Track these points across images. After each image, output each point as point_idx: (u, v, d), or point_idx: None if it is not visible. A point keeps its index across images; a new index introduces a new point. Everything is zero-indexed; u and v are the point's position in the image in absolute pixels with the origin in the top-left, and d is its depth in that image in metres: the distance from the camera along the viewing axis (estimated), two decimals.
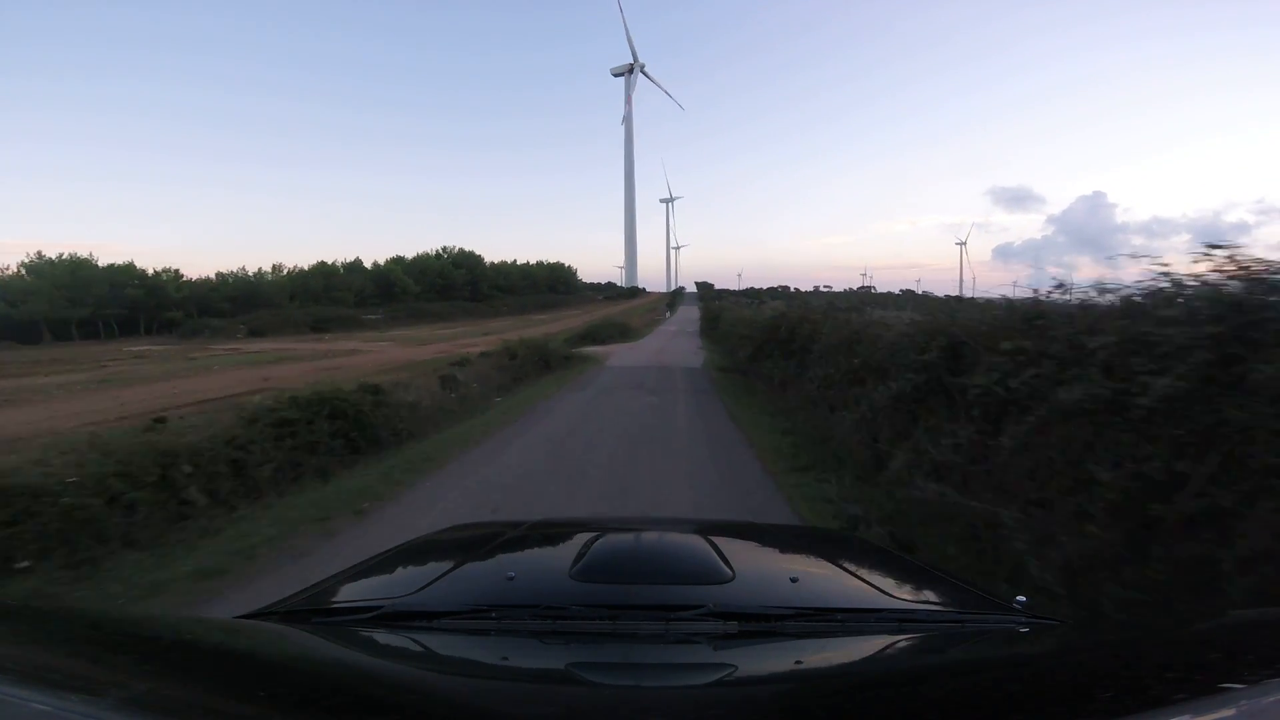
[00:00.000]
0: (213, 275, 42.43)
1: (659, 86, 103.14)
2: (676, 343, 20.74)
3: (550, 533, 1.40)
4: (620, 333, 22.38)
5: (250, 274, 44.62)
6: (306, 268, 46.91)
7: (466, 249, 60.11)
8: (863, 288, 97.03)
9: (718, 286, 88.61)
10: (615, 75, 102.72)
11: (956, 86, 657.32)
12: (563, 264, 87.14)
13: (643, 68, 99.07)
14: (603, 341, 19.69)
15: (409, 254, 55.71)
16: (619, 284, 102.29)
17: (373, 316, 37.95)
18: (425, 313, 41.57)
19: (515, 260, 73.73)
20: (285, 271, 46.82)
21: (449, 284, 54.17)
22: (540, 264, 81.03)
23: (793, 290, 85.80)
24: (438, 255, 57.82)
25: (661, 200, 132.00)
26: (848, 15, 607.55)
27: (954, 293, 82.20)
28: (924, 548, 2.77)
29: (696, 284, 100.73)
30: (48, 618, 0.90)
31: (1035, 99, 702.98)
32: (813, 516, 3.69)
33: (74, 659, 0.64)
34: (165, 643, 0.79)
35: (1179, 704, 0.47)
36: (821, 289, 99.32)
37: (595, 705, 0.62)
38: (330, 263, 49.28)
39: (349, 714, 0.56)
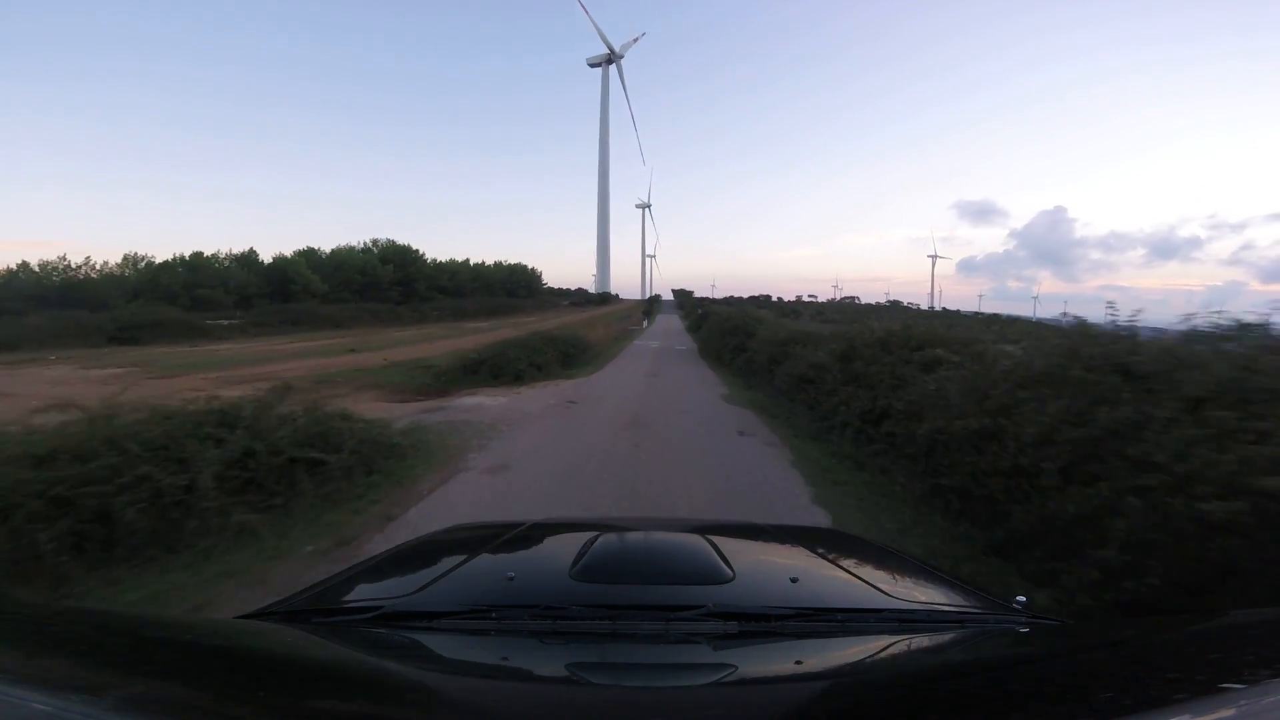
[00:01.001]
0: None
1: (628, 104, 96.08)
2: (674, 378, 11.02)
3: (550, 533, 1.40)
4: (564, 355, 12.30)
5: (73, 264, 32.31)
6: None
7: (402, 243, 53.50)
8: (845, 299, 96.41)
9: (694, 296, 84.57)
10: (592, 66, 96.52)
11: (925, 103, 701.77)
12: (525, 266, 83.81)
13: (620, 59, 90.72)
14: (517, 377, 9.52)
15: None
16: (592, 291, 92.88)
17: (223, 322, 26.83)
18: (318, 317, 33.23)
19: (468, 260, 65.90)
20: (143, 263, 34.54)
21: (372, 282, 46.78)
22: (498, 265, 76.86)
23: (774, 300, 79.14)
24: (364, 249, 51.24)
25: (638, 205, 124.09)
26: (815, 37, 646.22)
27: (923, 304, 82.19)
28: None
29: (674, 291, 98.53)
30: (48, 618, 0.92)
31: (1001, 114, 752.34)
32: None
33: (74, 659, 0.66)
34: (165, 643, 0.80)
35: (1179, 704, 0.48)
36: (805, 299, 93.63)
37: (595, 705, 0.66)
38: (210, 255, 37.53)
39: (349, 714, 0.59)
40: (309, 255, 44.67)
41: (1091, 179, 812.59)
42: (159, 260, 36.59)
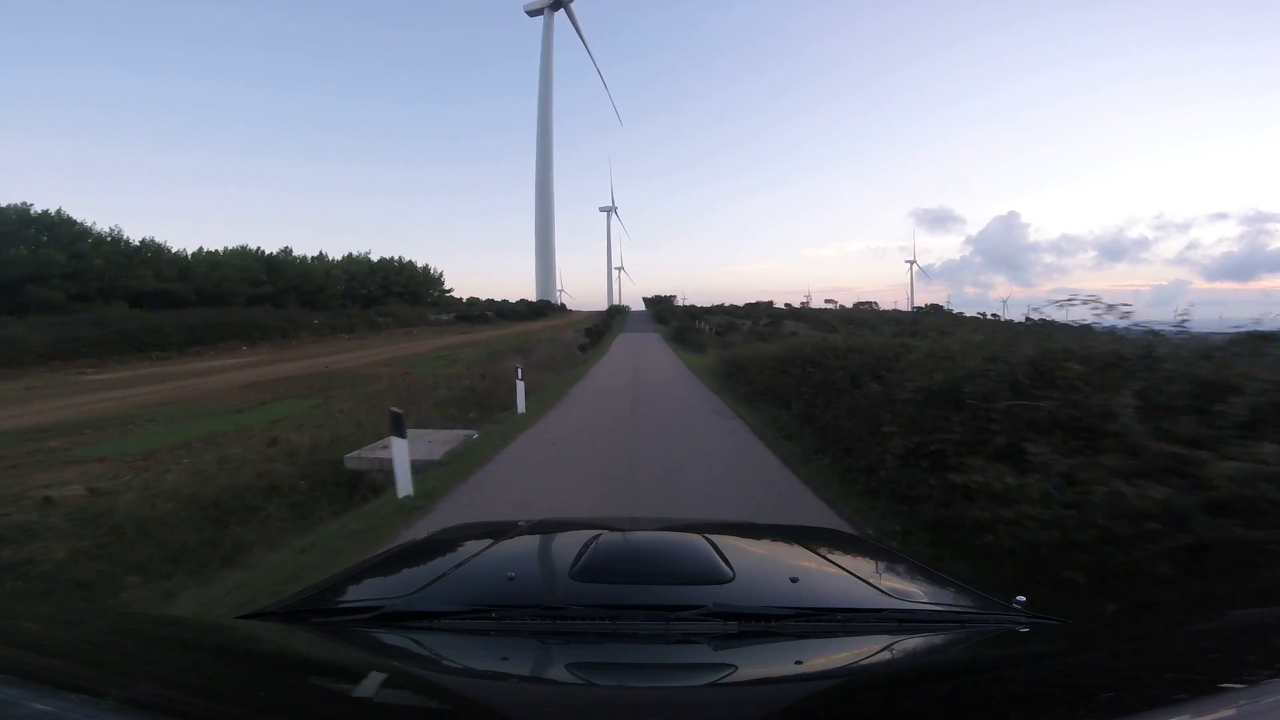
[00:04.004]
0: None
1: (587, 52, 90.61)
2: None
3: (550, 533, 1.60)
4: None
5: None
6: None
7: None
8: (860, 304, 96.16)
9: (676, 302, 77.40)
10: (531, 14, 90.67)
11: (883, 119, 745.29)
12: (409, 263, 60.85)
13: (570, 2, 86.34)
14: None
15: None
16: (551, 302, 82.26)
17: None
18: None
19: (260, 248, 46.19)
20: None
21: None
22: (351, 259, 54.82)
23: (782, 307, 70.15)
24: None
25: (602, 209, 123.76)
26: (775, 72, 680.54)
27: (902, 308, 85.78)
28: None
29: (646, 300, 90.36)
30: (48, 618, 1.04)
31: (957, 123, 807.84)
32: None
33: (74, 659, 0.75)
34: (165, 643, 0.92)
35: (1179, 704, 0.56)
36: (796, 306, 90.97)
37: (595, 705, 0.75)
38: None
39: (349, 714, 0.67)
40: None
41: (1044, 183, 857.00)
42: None
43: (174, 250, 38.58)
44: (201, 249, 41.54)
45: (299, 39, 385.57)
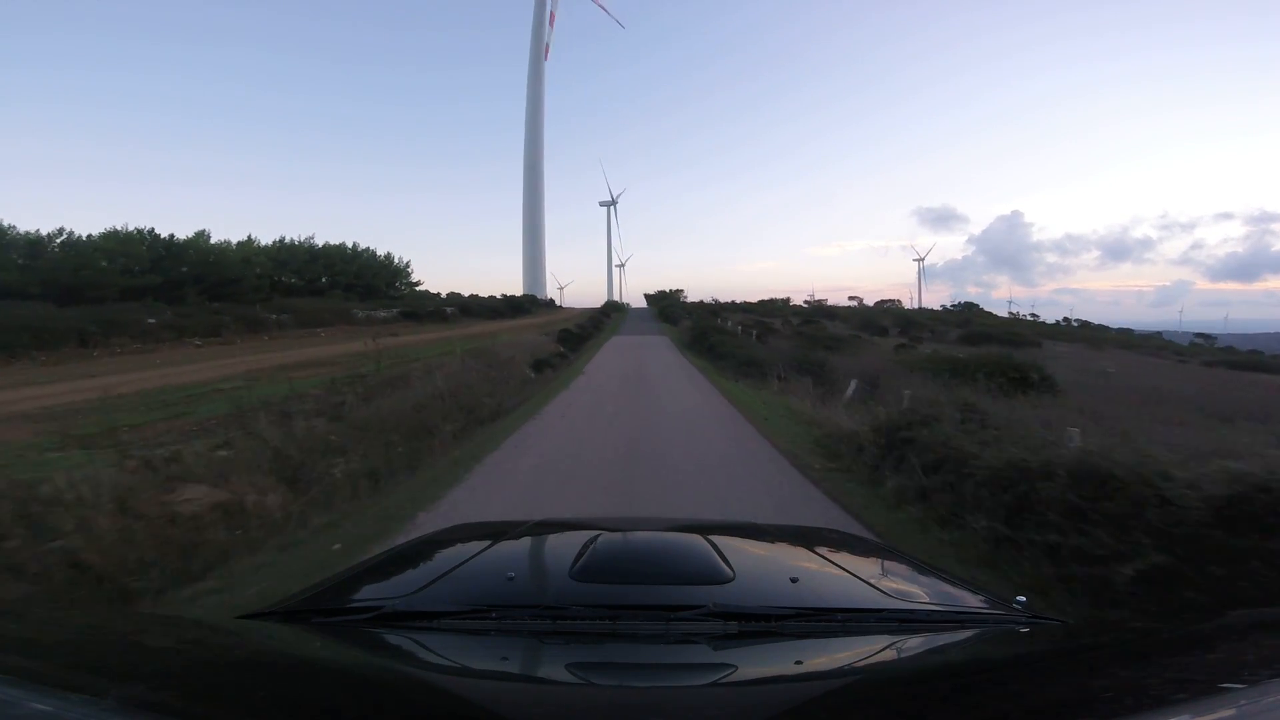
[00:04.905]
0: None
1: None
2: None
3: (550, 533, 1.68)
4: None
5: None
6: None
7: None
8: (885, 302, 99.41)
9: (684, 298, 78.05)
10: None
11: (888, 119, 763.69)
12: (363, 250, 53.82)
13: None
14: None
15: None
16: (537, 296, 77.81)
17: None
18: None
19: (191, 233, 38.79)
20: None
21: None
22: (284, 245, 46.10)
23: (803, 304, 73.02)
24: None
25: (602, 204, 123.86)
26: (777, 65, 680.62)
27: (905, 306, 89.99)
28: None
29: (647, 296, 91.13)
30: (48, 618, 1.13)
31: (961, 118, 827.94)
32: None
33: (74, 659, 0.81)
34: (165, 643, 0.99)
35: (1179, 704, 0.60)
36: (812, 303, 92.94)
37: (595, 705, 0.80)
38: None
39: (349, 714, 0.71)
40: None
41: (1048, 182, 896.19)
42: None
43: (23, 232, 31.29)
44: (61, 230, 33.56)
45: (299, 40, 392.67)
